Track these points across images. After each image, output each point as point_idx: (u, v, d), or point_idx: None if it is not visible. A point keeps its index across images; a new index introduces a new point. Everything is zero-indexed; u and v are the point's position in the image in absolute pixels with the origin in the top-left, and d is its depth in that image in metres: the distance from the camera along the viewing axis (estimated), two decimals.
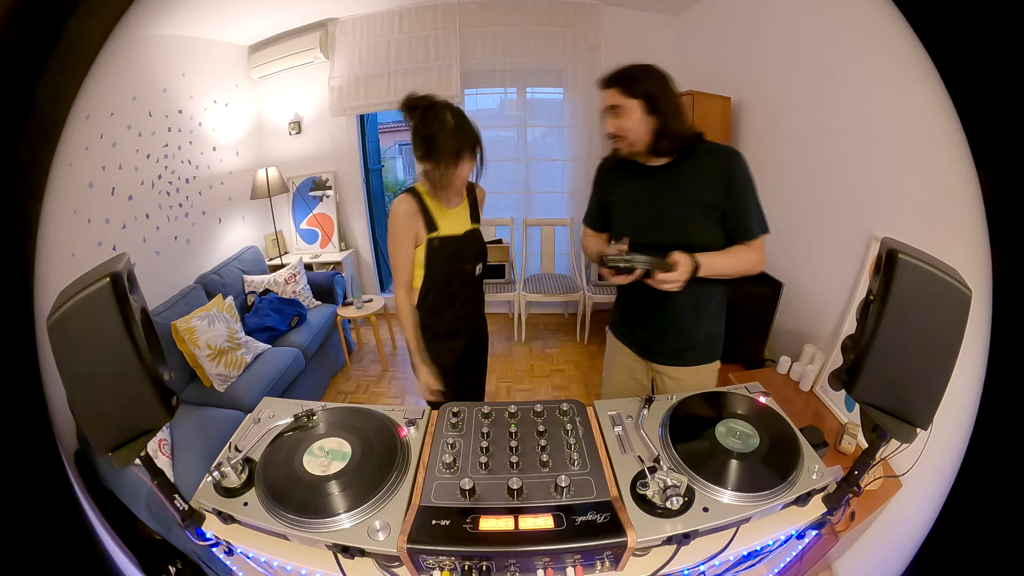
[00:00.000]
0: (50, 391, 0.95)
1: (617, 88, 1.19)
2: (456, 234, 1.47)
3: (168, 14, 2.52)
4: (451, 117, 1.30)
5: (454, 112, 1.32)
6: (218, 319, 2.35)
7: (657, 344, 1.41)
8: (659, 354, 1.42)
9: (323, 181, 3.61)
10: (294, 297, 2.97)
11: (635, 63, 1.21)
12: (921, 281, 0.66)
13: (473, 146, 1.35)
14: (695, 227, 1.22)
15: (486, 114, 3.44)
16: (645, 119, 1.18)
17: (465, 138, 1.32)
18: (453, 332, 1.56)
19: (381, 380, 3.06)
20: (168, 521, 1.39)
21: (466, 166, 1.36)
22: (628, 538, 0.74)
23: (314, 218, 3.66)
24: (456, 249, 1.47)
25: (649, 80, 1.18)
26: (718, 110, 2.52)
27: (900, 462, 1.24)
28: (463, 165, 1.35)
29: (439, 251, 1.44)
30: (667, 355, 1.40)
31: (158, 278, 2.47)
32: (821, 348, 1.96)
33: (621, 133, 1.21)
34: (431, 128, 1.29)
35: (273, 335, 2.70)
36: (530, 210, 3.52)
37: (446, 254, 1.45)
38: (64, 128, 1.09)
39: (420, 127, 1.31)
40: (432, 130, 1.29)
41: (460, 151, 1.32)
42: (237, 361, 2.35)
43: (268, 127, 3.51)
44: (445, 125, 1.29)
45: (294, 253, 3.66)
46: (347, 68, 3.30)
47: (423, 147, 1.32)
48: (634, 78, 1.18)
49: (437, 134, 1.29)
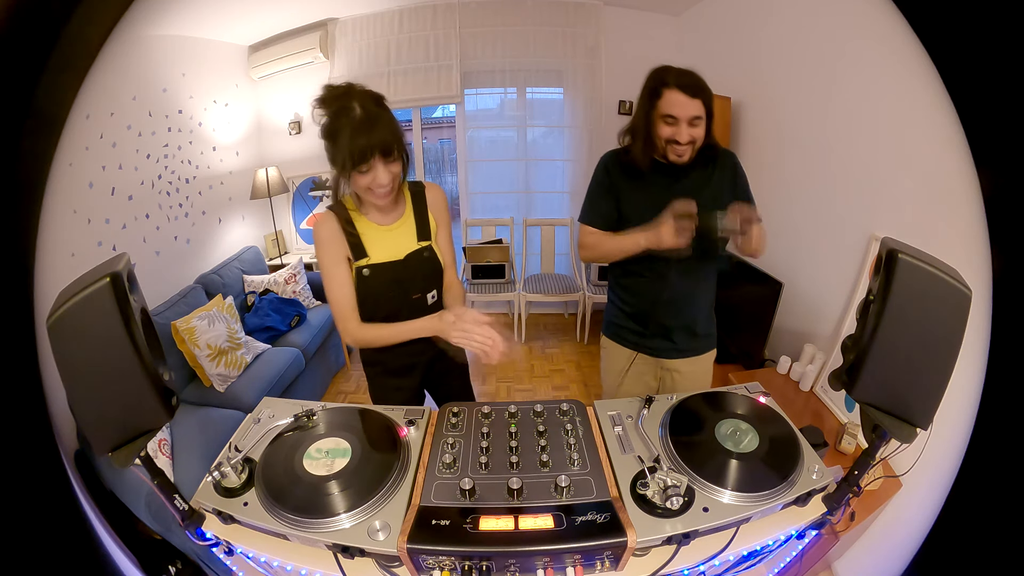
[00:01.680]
0: (50, 391, 0.95)
1: (702, 99, 1.20)
2: (394, 259, 1.18)
3: (168, 14, 2.52)
4: (359, 108, 1.01)
5: (369, 100, 1.04)
6: (218, 319, 2.35)
7: (672, 337, 1.42)
8: (672, 349, 1.43)
9: (323, 181, 3.61)
10: (294, 297, 2.97)
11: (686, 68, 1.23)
12: (921, 281, 0.66)
13: (388, 145, 1.03)
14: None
15: (486, 114, 3.44)
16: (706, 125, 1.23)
17: (375, 134, 1.01)
18: (407, 368, 1.31)
19: None
20: (168, 521, 1.39)
21: (379, 172, 1.05)
22: (628, 538, 0.74)
23: (314, 218, 3.66)
24: (395, 277, 1.18)
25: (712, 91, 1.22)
26: (718, 110, 2.49)
27: (900, 462, 1.24)
28: (373, 171, 1.04)
29: (372, 281, 1.17)
30: (680, 348, 1.43)
31: (158, 278, 2.46)
32: (821, 348, 1.96)
33: (693, 141, 1.23)
34: (333, 123, 1.03)
35: (273, 335, 2.70)
36: (530, 210, 3.52)
37: (382, 284, 1.17)
38: (64, 128, 1.09)
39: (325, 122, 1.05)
40: (334, 125, 1.03)
41: (365, 151, 1.01)
42: (237, 361, 2.35)
43: (268, 127, 3.51)
44: (351, 119, 1.01)
45: (294, 253, 3.66)
46: (347, 68, 3.30)
47: (326, 148, 1.07)
48: (707, 89, 1.21)
49: (337, 131, 1.02)
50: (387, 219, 1.20)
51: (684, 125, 1.21)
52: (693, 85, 1.19)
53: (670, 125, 1.22)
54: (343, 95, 1.03)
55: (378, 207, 1.16)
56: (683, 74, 1.21)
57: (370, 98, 1.05)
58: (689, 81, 1.20)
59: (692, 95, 1.19)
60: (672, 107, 1.20)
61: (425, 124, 3.54)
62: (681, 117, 1.20)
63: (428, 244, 1.23)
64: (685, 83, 1.19)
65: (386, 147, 1.03)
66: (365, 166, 1.04)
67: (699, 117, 1.21)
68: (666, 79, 1.21)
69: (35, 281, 0.99)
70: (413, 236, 1.22)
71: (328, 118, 1.04)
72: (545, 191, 3.52)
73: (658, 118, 1.23)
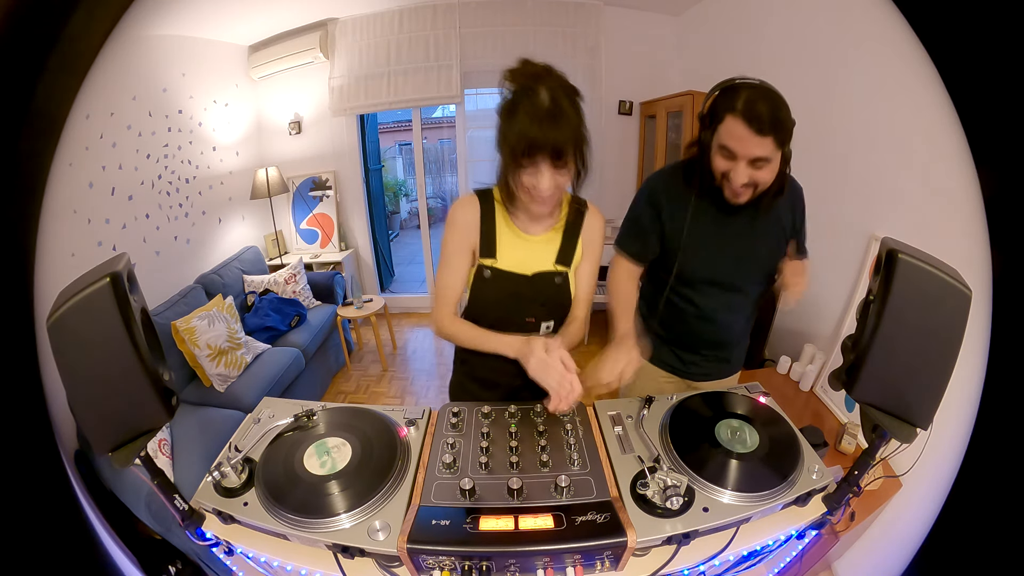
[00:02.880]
0: (50, 391, 0.95)
1: (774, 137, 0.93)
2: (520, 272, 1.06)
3: (168, 14, 2.52)
4: (547, 95, 0.88)
5: (561, 91, 0.90)
6: (218, 319, 2.35)
7: (706, 365, 1.33)
8: (704, 374, 1.35)
9: (323, 181, 3.61)
10: (294, 297, 2.97)
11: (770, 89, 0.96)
12: (921, 281, 0.66)
13: (561, 148, 0.88)
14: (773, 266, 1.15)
15: (486, 114, 3.44)
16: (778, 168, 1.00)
17: (552, 131, 0.87)
18: (490, 384, 1.18)
19: (381, 380, 3.06)
20: (168, 521, 1.39)
21: (544, 176, 0.91)
22: (628, 538, 0.74)
23: (314, 218, 3.66)
24: (515, 291, 1.06)
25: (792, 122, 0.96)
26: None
27: (900, 462, 1.24)
28: (537, 172, 0.91)
29: (490, 285, 1.06)
30: (714, 373, 1.35)
31: (158, 278, 2.47)
32: (821, 348, 1.96)
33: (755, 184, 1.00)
34: (512, 102, 0.90)
35: (273, 335, 2.70)
36: None
37: (499, 293, 1.06)
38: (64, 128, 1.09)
39: (506, 98, 0.92)
40: (512, 106, 0.90)
41: (534, 147, 0.87)
42: (237, 361, 2.35)
43: (268, 127, 3.52)
44: (532, 105, 0.87)
45: (294, 253, 3.66)
46: (347, 68, 3.30)
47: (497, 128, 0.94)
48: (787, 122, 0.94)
49: (513, 113, 0.89)
50: (533, 228, 1.06)
51: (743, 165, 0.97)
52: (763, 118, 0.92)
53: (726, 159, 0.99)
54: (536, 75, 0.90)
55: (530, 213, 1.02)
56: (755, 100, 0.93)
57: (564, 89, 0.90)
58: (759, 112, 0.92)
59: (759, 131, 0.92)
60: (731, 140, 0.96)
61: (425, 124, 3.54)
62: (740, 155, 0.96)
63: (564, 270, 1.08)
64: (754, 114, 0.92)
65: (558, 150, 0.88)
66: (529, 163, 0.90)
67: (765, 159, 0.96)
68: (733, 103, 0.95)
69: (35, 281, 0.99)
70: (551, 255, 1.07)
71: (510, 95, 0.91)
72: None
73: (716, 146, 1.00)
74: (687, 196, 1.11)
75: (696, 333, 1.27)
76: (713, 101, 1.01)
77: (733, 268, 1.17)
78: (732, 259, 1.16)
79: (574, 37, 3.13)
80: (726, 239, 1.14)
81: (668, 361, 1.35)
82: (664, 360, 1.35)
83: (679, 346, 1.32)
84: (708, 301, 1.21)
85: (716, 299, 1.21)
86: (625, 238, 1.22)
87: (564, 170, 0.93)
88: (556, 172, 0.92)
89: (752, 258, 1.16)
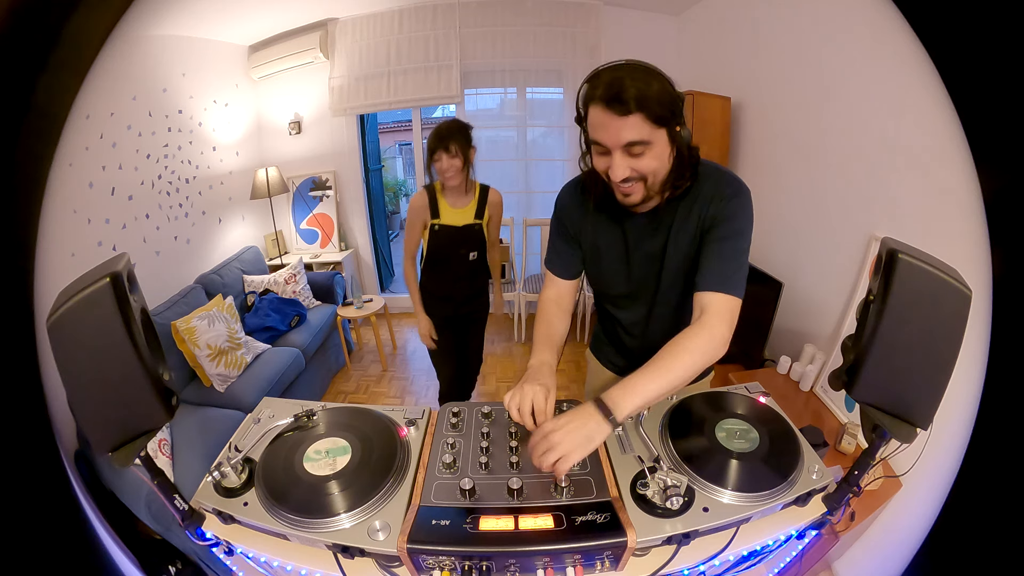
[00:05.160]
0: (50, 391, 0.95)
1: (645, 115, 0.79)
2: (455, 224, 1.81)
3: (168, 14, 2.52)
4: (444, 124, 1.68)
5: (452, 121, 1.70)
6: (218, 319, 2.35)
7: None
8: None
9: (323, 181, 3.61)
10: (294, 297, 2.97)
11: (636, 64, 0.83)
12: (921, 281, 0.66)
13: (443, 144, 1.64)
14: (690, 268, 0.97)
15: (486, 114, 3.44)
16: (668, 153, 0.86)
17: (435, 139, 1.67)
18: (446, 296, 1.95)
19: (381, 380, 3.06)
20: (168, 521, 1.39)
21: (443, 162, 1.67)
22: (628, 538, 0.74)
23: (314, 218, 3.66)
24: (452, 236, 1.82)
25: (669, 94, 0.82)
26: (718, 110, 2.53)
27: (900, 462, 1.24)
28: (438, 161, 1.68)
29: (438, 235, 1.82)
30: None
31: (158, 278, 2.47)
32: (821, 348, 1.96)
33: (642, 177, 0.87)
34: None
35: (273, 335, 2.70)
36: (530, 210, 3.52)
37: (443, 239, 1.83)
38: (64, 128, 1.09)
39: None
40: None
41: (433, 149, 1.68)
42: (237, 361, 2.35)
43: (268, 127, 3.52)
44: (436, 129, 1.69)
45: (294, 253, 3.66)
46: (347, 68, 3.30)
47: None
48: (661, 96, 0.80)
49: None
50: (457, 202, 1.80)
51: (619, 156, 0.83)
52: (625, 95, 0.78)
53: (602, 155, 0.86)
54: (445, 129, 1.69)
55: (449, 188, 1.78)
56: (613, 80, 0.79)
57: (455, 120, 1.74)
58: (619, 90, 0.78)
59: (623, 111, 0.79)
60: (597, 131, 0.84)
61: (425, 124, 3.54)
62: (611, 144, 0.83)
63: (480, 222, 1.84)
64: (614, 94, 0.78)
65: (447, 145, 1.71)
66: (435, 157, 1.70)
67: (641, 143, 0.82)
68: (592, 91, 0.83)
69: (35, 281, 0.99)
70: (472, 215, 1.82)
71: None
72: (545, 191, 3.53)
73: (591, 146, 0.89)
74: (584, 207, 1.03)
75: (626, 344, 1.20)
76: (579, 96, 0.87)
77: (642, 279, 1.04)
78: (639, 269, 1.03)
79: (574, 37, 3.13)
80: (630, 248, 1.02)
81: (613, 361, 1.28)
82: (610, 360, 1.29)
83: (620, 352, 1.25)
84: (628, 315, 1.13)
85: (635, 312, 1.11)
86: (548, 255, 1.14)
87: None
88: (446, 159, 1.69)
89: (662, 265, 1.00)
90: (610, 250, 1.04)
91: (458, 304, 1.98)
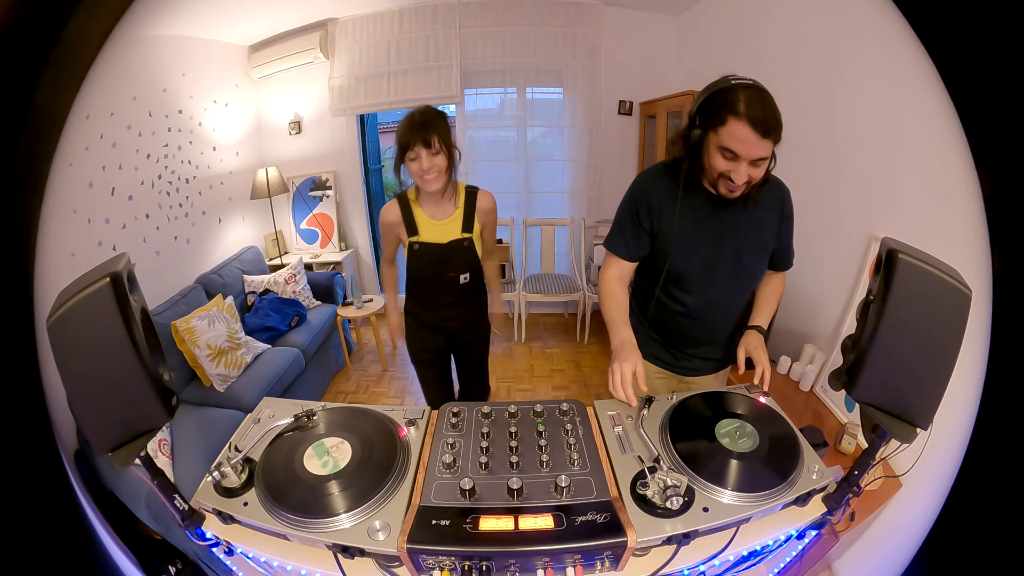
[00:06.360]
0: (50, 391, 0.95)
1: (773, 139, 0.97)
2: (438, 242, 1.45)
3: (168, 14, 2.52)
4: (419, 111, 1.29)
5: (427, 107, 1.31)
6: (218, 319, 2.35)
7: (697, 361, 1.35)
8: (696, 370, 1.37)
9: (323, 181, 3.61)
10: (294, 297, 2.97)
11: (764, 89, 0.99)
12: (921, 281, 0.66)
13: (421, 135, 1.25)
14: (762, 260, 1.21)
15: (486, 114, 3.43)
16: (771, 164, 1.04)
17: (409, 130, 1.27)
18: (435, 327, 1.60)
19: (381, 380, 3.06)
20: (168, 521, 1.39)
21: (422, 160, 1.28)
22: (628, 538, 0.74)
23: (314, 218, 3.65)
24: (436, 257, 1.46)
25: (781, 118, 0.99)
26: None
27: (900, 462, 1.24)
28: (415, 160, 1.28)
29: (418, 256, 1.47)
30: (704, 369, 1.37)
31: (158, 278, 2.46)
32: (821, 348, 1.96)
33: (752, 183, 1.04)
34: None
35: (273, 335, 2.69)
36: (530, 210, 3.52)
37: (425, 259, 1.47)
38: (64, 128, 1.09)
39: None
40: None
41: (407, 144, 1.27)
42: (237, 361, 2.35)
43: (268, 127, 3.51)
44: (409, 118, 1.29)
45: (294, 253, 3.66)
46: (347, 68, 3.30)
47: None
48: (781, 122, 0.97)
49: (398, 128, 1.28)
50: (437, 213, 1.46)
51: (745, 165, 0.99)
52: (766, 120, 0.95)
53: (728, 160, 1.01)
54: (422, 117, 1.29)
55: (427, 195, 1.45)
56: (755, 102, 0.95)
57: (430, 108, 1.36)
58: (762, 115, 0.95)
59: (763, 133, 0.95)
60: (735, 143, 0.98)
61: None
62: (744, 156, 0.98)
63: (468, 236, 1.46)
64: (757, 117, 0.94)
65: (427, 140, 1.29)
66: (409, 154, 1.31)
67: (764, 159, 1.00)
68: (735, 105, 0.96)
69: (35, 281, 0.99)
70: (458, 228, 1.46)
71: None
72: (545, 191, 3.52)
73: (715, 147, 1.01)
74: (675, 194, 1.14)
75: (685, 330, 1.28)
76: (710, 101, 1.02)
77: (724, 262, 1.17)
78: (722, 253, 1.17)
79: (574, 37, 3.13)
80: (716, 233, 1.15)
81: (660, 356, 1.37)
82: (655, 355, 1.36)
83: (669, 343, 1.34)
84: (697, 299, 1.22)
85: (703, 295, 1.21)
86: (613, 238, 1.24)
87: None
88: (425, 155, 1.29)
89: (742, 250, 1.16)
90: (697, 233, 1.15)
91: (450, 335, 1.62)
